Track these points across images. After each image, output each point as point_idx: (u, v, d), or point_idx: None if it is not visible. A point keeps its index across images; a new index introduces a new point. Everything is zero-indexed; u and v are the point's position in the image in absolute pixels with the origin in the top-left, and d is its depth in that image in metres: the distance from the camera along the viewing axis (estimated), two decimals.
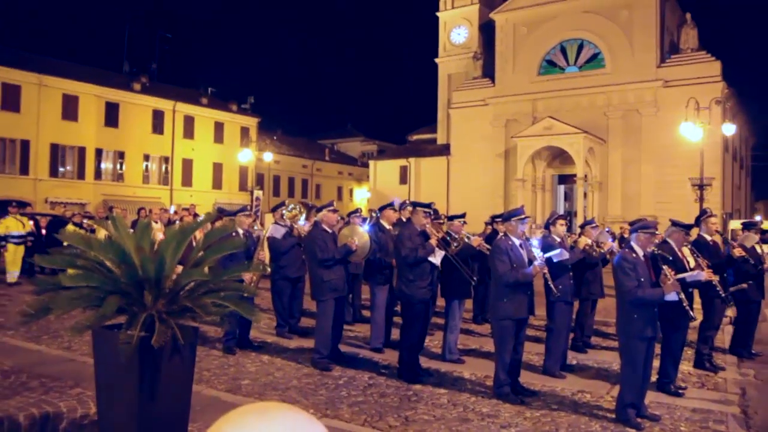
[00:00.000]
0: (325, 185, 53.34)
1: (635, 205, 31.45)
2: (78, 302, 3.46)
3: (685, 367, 7.20)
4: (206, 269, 3.89)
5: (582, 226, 8.78)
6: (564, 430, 5.00)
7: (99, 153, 36.46)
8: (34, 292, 3.61)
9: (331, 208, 7.38)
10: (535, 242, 6.22)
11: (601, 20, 33.71)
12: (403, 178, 42.47)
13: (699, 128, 20.84)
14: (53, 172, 34.40)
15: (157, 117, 39.21)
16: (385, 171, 43.84)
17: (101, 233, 5.81)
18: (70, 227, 12.63)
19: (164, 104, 39.49)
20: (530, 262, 5.82)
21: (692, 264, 6.24)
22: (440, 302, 7.45)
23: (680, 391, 6.14)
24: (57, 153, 34.52)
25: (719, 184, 29.46)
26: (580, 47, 34.97)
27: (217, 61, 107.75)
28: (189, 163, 40.90)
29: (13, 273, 13.41)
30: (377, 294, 7.86)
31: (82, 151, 35.56)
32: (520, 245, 5.91)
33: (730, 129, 23.45)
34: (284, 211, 8.88)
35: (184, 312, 3.55)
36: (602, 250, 7.64)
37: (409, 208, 7.95)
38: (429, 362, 7.09)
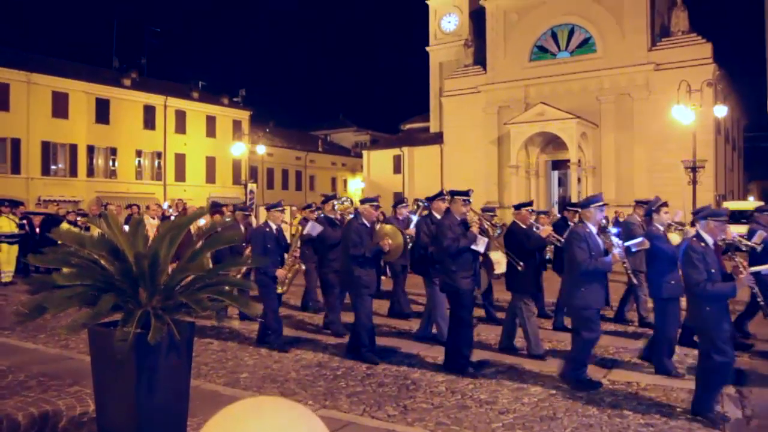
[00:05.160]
0: (318, 176, 53.25)
1: (629, 189, 31.46)
2: (73, 301, 3.46)
3: (681, 349, 7.25)
4: (205, 263, 3.89)
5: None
6: (562, 414, 5.03)
7: (91, 150, 36.30)
8: (29, 291, 3.61)
9: (376, 203, 7.24)
10: (613, 230, 6.04)
11: (592, 4, 33.58)
12: (397, 168, 42.44)
13: (691, 111, 20.86)
14: (45, 170, 34.25)
15: (149, 112, 39.03)
16: (378, 161, 43.78)
17: (96, 231, 5.77)
18: (64, 225, 12.61)
19: (155, 99, 39.30)
20: (606, 251, 5.68)
21: None
22: (507, 296, 7.54)
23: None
24: (48, 151, 34.36)
25: (712, 166, 29.51)
26: (571, 32, 34.86)
27: (207, 54, 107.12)
28: (182, 157, 40.76)
29: (7, 272, 13.40)
30: (435, 287, 7.41)
31: (73, 148, 35.38)
32: (597, 233, 5.76)
33: (721, 111, 23.45)
34: (336, 204, 8.72)
35: (179, 307, 3.54)
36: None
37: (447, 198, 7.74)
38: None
